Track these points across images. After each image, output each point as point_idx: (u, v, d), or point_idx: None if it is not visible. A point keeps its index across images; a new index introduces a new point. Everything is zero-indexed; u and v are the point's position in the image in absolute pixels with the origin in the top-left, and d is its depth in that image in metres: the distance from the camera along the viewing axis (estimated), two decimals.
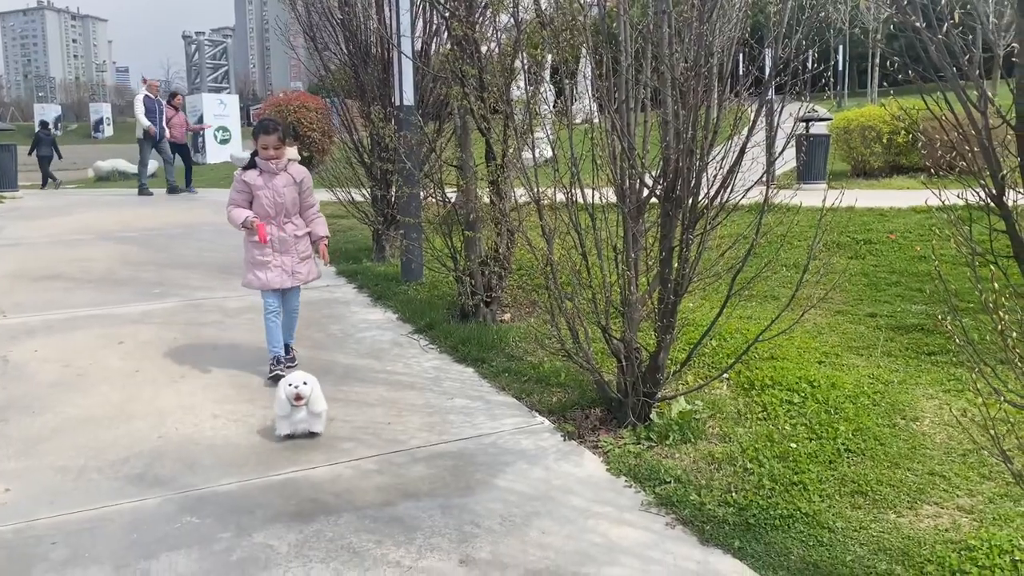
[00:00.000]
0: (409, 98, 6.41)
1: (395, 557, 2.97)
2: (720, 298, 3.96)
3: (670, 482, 3.46)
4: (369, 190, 7.31)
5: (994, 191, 2.18)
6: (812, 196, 4.33)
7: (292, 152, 4.71)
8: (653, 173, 3.89)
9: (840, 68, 36.87)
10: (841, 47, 35.15)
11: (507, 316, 5.91)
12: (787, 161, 10.55)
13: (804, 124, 11.71)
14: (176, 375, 4.84)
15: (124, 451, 3.82)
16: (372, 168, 7.26)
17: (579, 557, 2.97)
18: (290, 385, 3.83)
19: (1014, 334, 2.08)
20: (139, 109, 13.42)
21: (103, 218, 10.42)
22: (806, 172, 11.67)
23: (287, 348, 4.90)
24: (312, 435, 3.92)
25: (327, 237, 4.89)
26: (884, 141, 12.21)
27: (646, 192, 3.89)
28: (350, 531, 3.15)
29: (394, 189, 6.82)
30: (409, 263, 6.69)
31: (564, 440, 3.96)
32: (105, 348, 5.28)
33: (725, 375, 4.58)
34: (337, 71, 8.24)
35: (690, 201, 3.74)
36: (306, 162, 16.66)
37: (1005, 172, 2.14)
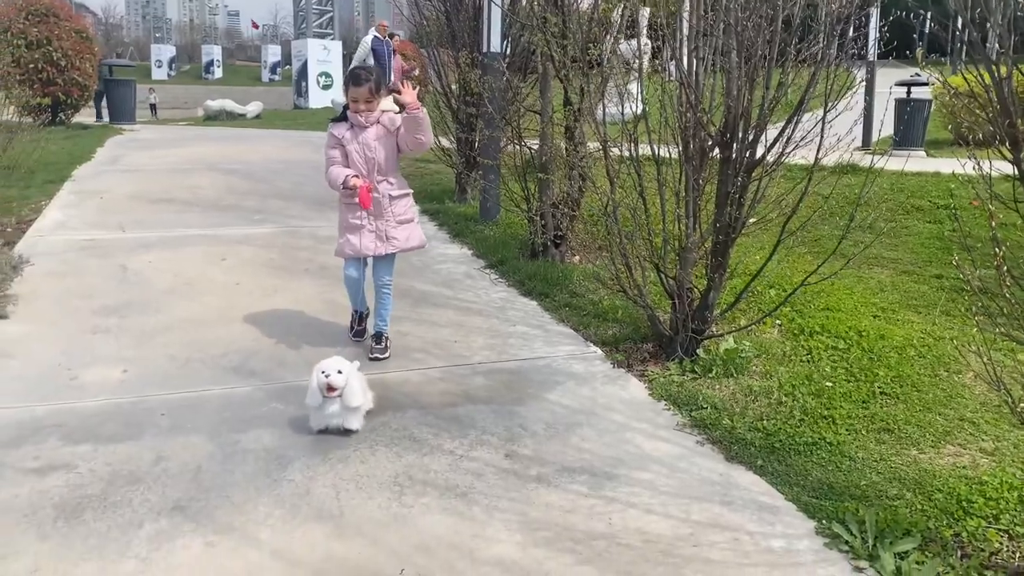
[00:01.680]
0: (496, 45, 6.70)
1: (450, 447, 3.37)
2: (785, 257, 4.14)
3: (706, 408, 3.73)
4: (454, 133, 7.66)
5: None
6: (902, 163, 4.45)
7: (387, 103, 4.18)
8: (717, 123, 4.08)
9: (955, 32, 34.82)
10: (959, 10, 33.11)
11: (576, 259, 6.21)
12: (887, 126, 10.29)
13: (905, 88, 11.39)
14: (271, 289, 5.36)
15: (224, 348, 4.34)
16: (458, 113, 7.60)
17: (613, 461, 3.30)
18: (322, 373, 3.33)
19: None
20: (362, 51, 14.02)
21: (212, 151, 11.17)
22: (903, 138, 11.39)
23: (378, 336, 4.35)
24: (347, 432, 3.40)
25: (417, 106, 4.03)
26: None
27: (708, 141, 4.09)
28: (413, 424, 3.56)
29: (477, 133, 7.13)
30: (486, 203, 7.04)
31: (613, 367, 4.27)
32: (210, 263, 5.85)
33: (777, 322, 4.78)
34: (432, 19, 8.58)
35: (747, 152, 3.92)
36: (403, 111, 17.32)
37: None
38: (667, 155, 4.19)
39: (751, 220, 4.07)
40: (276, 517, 2.84)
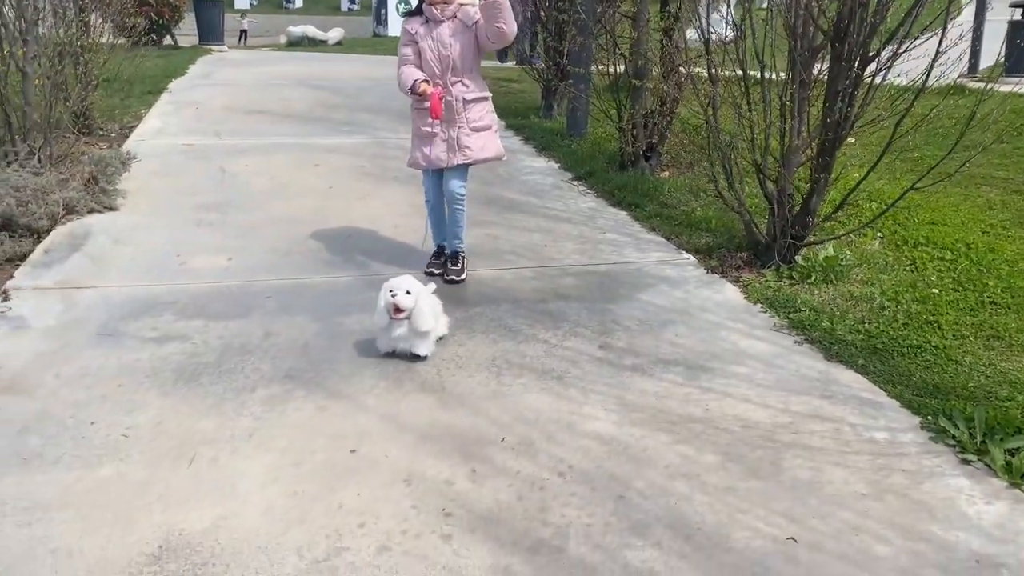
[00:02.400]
0: None
1: (544, 337, 3.41)
2: (886, 173, 3.96)
3: (804, 311, 3.66)
4: (542, 41, 7.52)
5: None
6: (1013, 87, 4.19)
7: None
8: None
9: None
10: None
11: (665, 173, 6.09)
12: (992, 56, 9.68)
13: (1021, 9, 10.63)
14: (362, 193, 5.44)
15: (321, 242, 4.45)
16: (547, 22, 7.46)
17: (707, 356, 3.29)
18: (390, 292, 3.07)
19: None
20: None
21: (299, 69, 11.28)
22: (1016, 64, 10.67)
23: (454, 256, 4.06)
24: (415, 357, 3.14)
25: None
26: None
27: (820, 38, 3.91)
28: (507, 315, 3.61)
29: (567, 42, 6.99)
30: (575, 113, 6.94)
31: (707, 273, 4.22)
32: (303, 169, 5.97)
33: (879, 234, 4.62)
34: None
35: (861, 48, 3.74)
36: None
37: None
38: (771, 62, 4.03)
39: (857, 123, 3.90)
40: (381, 388, 2.94)
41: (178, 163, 5.95)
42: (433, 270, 4.05)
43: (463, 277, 3.99)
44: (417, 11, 3.85)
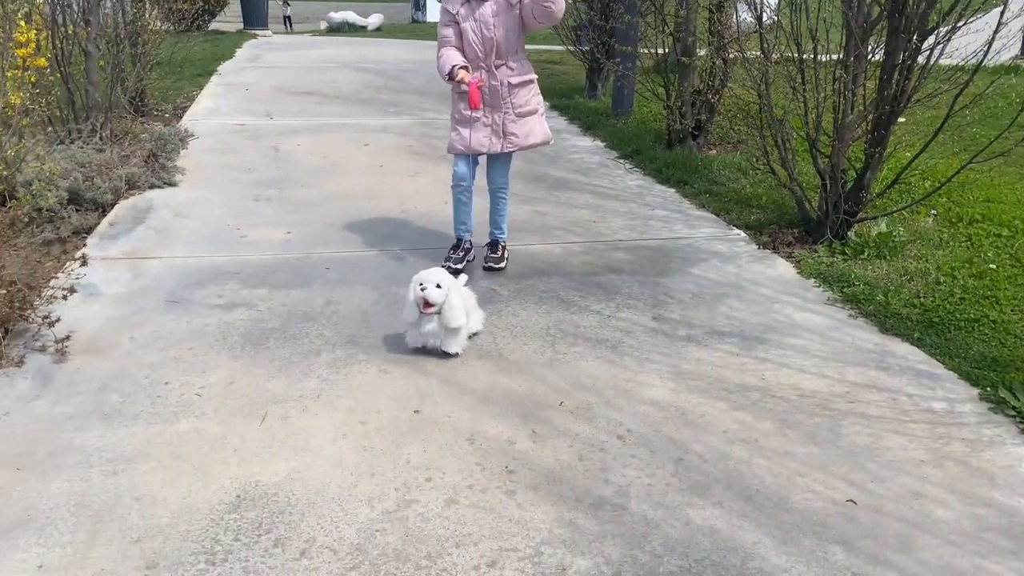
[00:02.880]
0: None
1: (596, 308, 3.45)
2: (938, 153, 3.91)
3: (858, 285, 3.65)
4: (587, 21, 7.51)
5: None
6: None
7: None
8: None
9: None
10: None
11: (713, 151, 6.07)
12: None
13: None
14: (412, 171, 5.51)
15: (375, 217, 4.53)
16: (593, 2, 7.44)
17: (762, 328, 3.30)
18: (419, 285, 2.88)
19: None
20: None
21: (344, 53, 11.39)
22: None
23: (494, 244, 3.89)
24: (446, 355, 2.96)
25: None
26: None
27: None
28: (559, 287, 3.66)
29: (612, 20, 6.97)
30: (621, 92, 6.93)
31: (758, 248, 4.22)
32: (354, 148, 6.06)
33: (932, 211, 4.58)
34: None
35: (920, 20, 3.69)
36: None
37: None
38: (823, 38, 4.00)
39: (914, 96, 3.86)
40: (440, 354, 3.01)
41: (232, 142, 6.08)
42: (451, 264, 3.71)
43: (502, 265, 3.83)
44: None
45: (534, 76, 3.72)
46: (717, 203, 4.89)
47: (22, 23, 4.38)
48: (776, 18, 4.31)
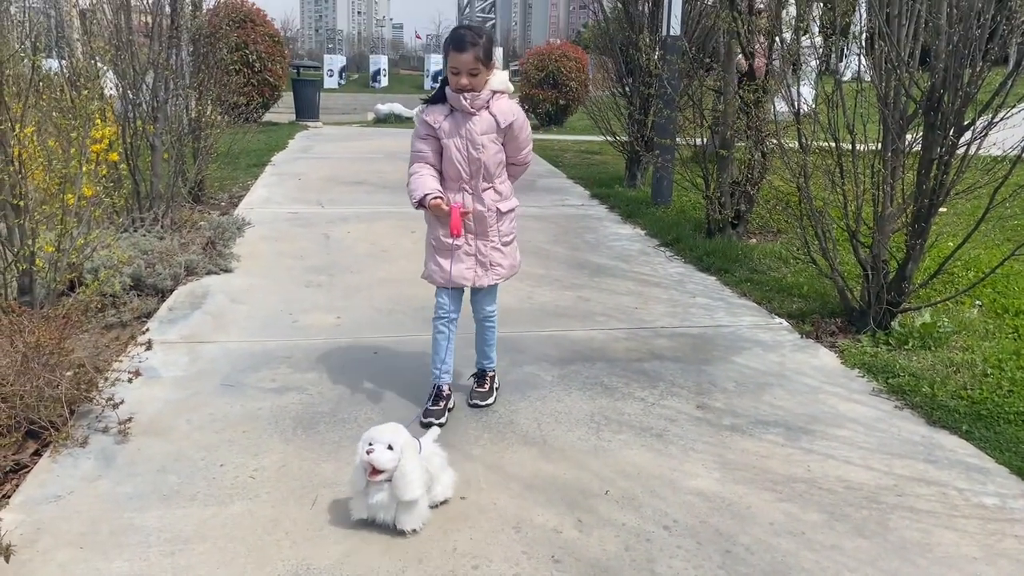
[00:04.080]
0: (676, 29, 6.76)
1: (640, 395, 3.49)
2: (981, 243, 3.96)
3: (903, 376, 3.64)
4: (627, 115, 7.77)
5: None
6: None
7: (499, 80, 3.07)
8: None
9: None
10: None
11: (753, 240, 6.15)
12: None
13: None
14: None
15: (421, 302, 4.64)
16: (632, 97, 7.72)
17: (807, 418, 3.30)
18: (369, 446, 2.39)
19: None
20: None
21: (391, 143, 11.88)
22: None
23: (480, 375, 3.45)
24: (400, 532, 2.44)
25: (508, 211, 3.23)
26: None
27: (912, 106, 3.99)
28: (603, 374, 3.71)
29: (651, 116, 7.21)
30: (660, 183, 7.10)
31: (801, 338, 4.24)
32: (400, 235, 6.27)
33: (977, 302, 4.57)
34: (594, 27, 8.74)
35: (955, 116, 3.79)
36: (561, 111, 17.55)
37: None
38: (861, 131, 4.11)
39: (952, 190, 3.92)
40: (485, 439, 3.06)
41: (285, 230, 6.33)
42: (433, 419, 3.13)
43: (490, 402, 3.31)
44: (439, 98, 3.10)
45: (517, 202, 3.32)
46: (758, 292, 4.94)
47: (98, 120, 4.70)
48: (814, 111, 4.44)
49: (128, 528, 2.44)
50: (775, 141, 4.85)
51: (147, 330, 3.78)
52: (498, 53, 33.80)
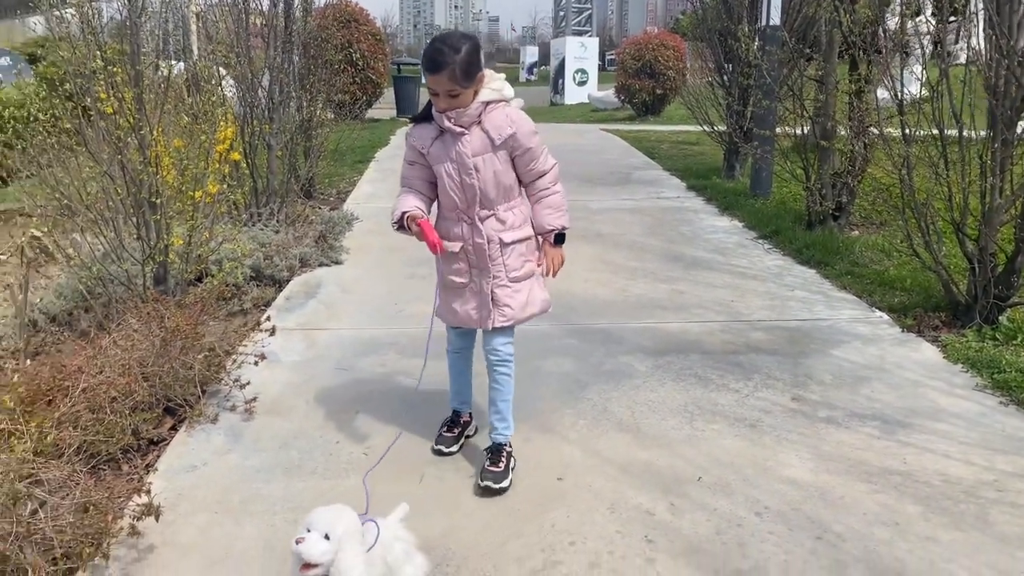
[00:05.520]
0: (776, 18, 6.67)
1: (735, 387, 3.54)
2: None
3: (1009, 372, 3.55)
4: (725, 106, 7.71)
5: None
6: None
7: (492, 88, 2.60)
8: None
9: None
10: None
11: (855, 232, 6.03)
12: None
13: None
14: None
15: None
16: (731, 87, 7.65)
17: (905, 412, 3.28)
18: (306, 532, 1.98)
19: None
20: None
21: None
22: None
23: (496, 451, 2.84)
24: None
25: (556, 231, 2.76)
26: None
27: None
28: (696, 365, 3.77)
29: (750, 106, 7.14)
30: (759, 174, 7.03)
31: (902, 332, 4.17)
32: None
33: None
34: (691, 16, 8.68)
35: None
36: (658, 101, 17.39)
37: None
38: (968, 121, 4.01)
39: None
40: (581, 425, 3.19)
41: (389, 224, 6.60)
42: (443, 447, 2.96)
43: (504, 485, 2.73)
44: (425, 116, 2.68)
45: (531, 233, 2.78)
46: (859, 285, 4.87)
47: (221, 123, 5.07)
48: (918, 100, 4.35)
49: (256, 497, 2.70)
50: (876, 131, 4.77)
51: (267, 318, 4.08)
52: (594, 43, 33.57)
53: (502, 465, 2.78)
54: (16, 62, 13.12)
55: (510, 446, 2.87)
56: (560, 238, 2.78)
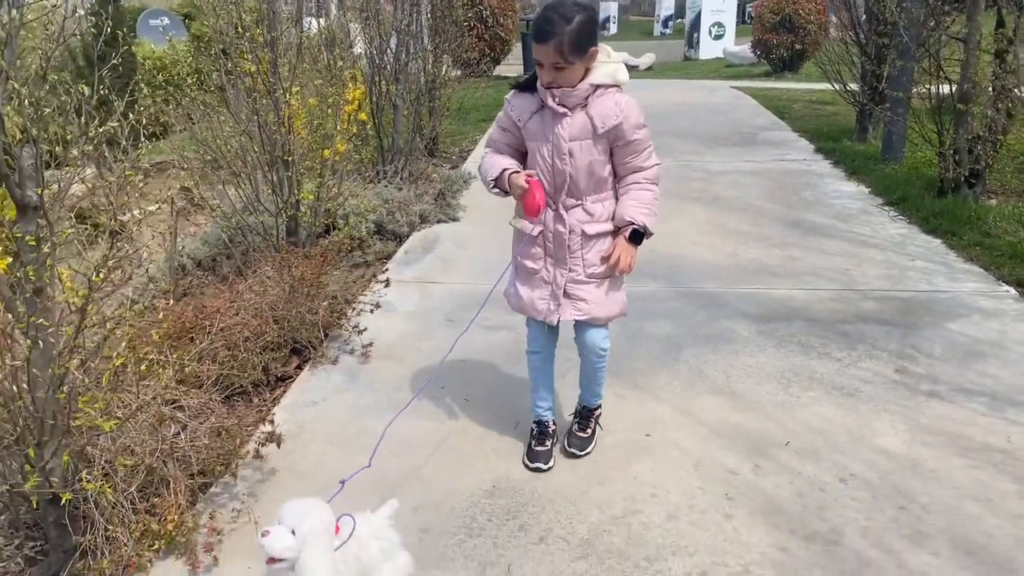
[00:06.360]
0: None
1: (837, 356, 3.52)
2: None
3: None
4: (860, 65, 7.36)
5: None
6: None
7: (605, 71, 2.41)
8: None
9: None
10: None
11: (992, 201, 5.69)
12: None
13: None
14: (665, 213, 5.74)
15: None
16: (866, 46, 7.28)
17: (1018, 391, 3.17)
18: (278, 526, 1.92)
19: None
20: None
21: None
22: None
23: (583, 415, 2.86)
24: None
25: (637, 226, 2.51)
26: None
27: None
28: (800, 332, 3.75)
29: (886, 66, 6.79)
30: (891, 138, 6.71)
31: None
32: None
33: None
34: None
35: None
36: (797, 56, 16.61)
37: None
38: None
39: None
40: (675, 386, 3.28)
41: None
42: (542, 464, 2.71)
43: (588, 450, 2.79)
44: (529, 85, 2.51)
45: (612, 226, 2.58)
46: (988, 256, 4.64)
47: (350, 84, 5.35)
48: None
49: (367, 432, 2.96)
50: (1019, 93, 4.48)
51: (387, 270, 4.36)
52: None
53: (589, 431, 2.83)
54: (173, 22, 14.06)
55: (599, 411, 2.88)
56: (638, 237, 2.53)
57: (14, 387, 1.99)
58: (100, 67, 2.35)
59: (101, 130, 2.06)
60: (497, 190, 2.57)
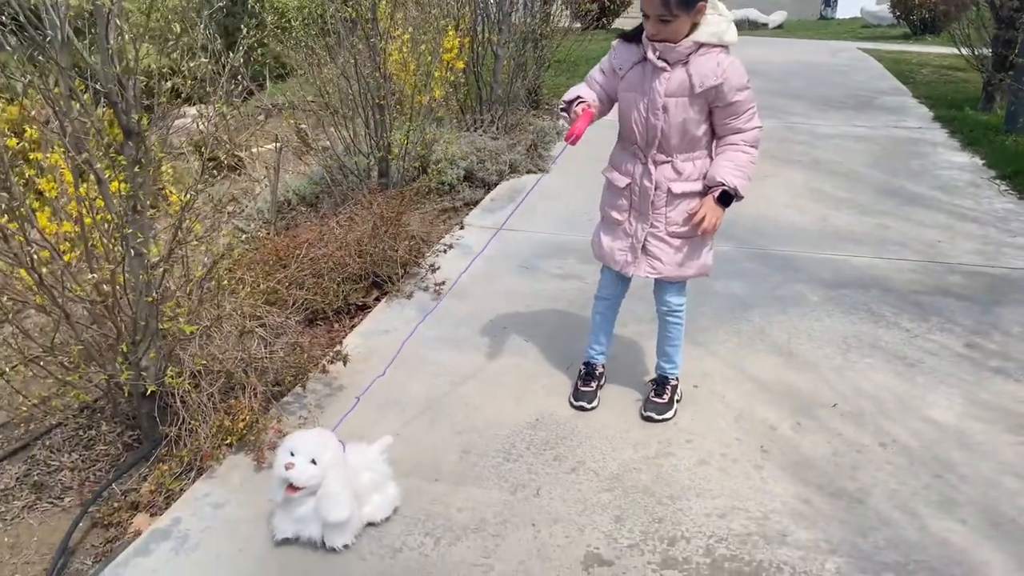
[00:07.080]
0: None
1: (906, 326, 3.46)
2: None
3: None
4: (991, 33, 6.91)
5: None
6: None
7: (710, 30, 2.37)
8: None
9: None
10: None
11: None
12: None
13: None
14: (761, 174, 5.69)
15: None
16: (1000, 9, 6.81)
17: None
18: (291, 458, 2.05)
19: None
20: None
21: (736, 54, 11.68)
22: None
23: (660, 382, 2.86)
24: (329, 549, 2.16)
25: (727, 188, 2.44)
26: None
27: None
28: (873, 301, 3.70)
29: (1020, 32, 6.35)
30: (1015, 108, 6.31)
31: None
32: None
33: None
34: None
35: None
36: (941, 17, 15.52)
37: None
38: None
39: None
40: (733, 343, 3.33)
41: (600, 136, 6.80)
42: (585, 403, 2.83)
43: (668, 415, 2.78)
44: (635, 36, 2.50)
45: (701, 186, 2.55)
46: None
47: (450, 32, 5.50)
48: None
49: (426, 361, 3.17)
50: None
51: (469, 215, 4.53)
52: None
53: (666, 397, 2.82)
54: None
55: (676, 380, 2.87)
56: (727, 199, 2.47)
57: (113, 289, 2.29)
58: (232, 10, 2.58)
59: (227, 68, 2.29)
60: (565, 114, 2.57)
